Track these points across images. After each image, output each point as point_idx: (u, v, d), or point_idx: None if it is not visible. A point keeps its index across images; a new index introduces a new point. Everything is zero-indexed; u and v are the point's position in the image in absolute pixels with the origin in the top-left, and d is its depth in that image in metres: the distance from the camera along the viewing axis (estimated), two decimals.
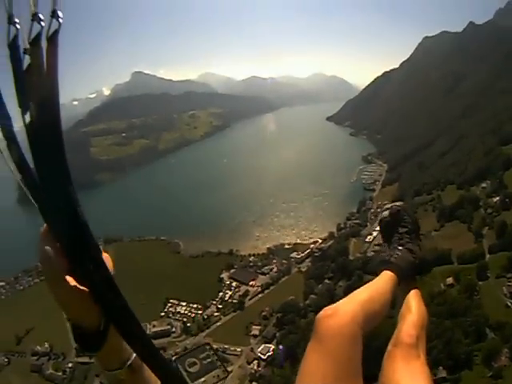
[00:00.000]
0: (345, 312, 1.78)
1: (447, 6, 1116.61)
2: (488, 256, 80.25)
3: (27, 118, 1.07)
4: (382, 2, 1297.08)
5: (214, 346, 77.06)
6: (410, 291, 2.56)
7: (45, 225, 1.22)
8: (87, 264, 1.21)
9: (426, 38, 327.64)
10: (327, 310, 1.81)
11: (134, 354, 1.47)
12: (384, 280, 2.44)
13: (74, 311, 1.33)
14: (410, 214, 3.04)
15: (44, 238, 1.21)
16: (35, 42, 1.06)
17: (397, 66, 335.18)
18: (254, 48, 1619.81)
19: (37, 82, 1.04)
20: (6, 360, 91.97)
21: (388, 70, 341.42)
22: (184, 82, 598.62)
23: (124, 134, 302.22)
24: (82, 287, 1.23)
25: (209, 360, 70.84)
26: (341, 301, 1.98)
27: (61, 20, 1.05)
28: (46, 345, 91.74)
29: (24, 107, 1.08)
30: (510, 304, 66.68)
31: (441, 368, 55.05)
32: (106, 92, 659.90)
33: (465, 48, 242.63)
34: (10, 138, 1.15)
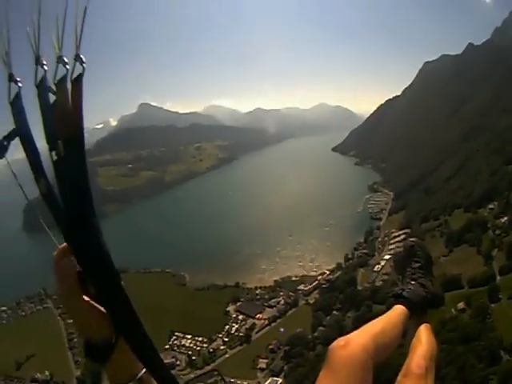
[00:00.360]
0: (357, 343, 1.80)
1: (446, 29, 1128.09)
2: (499, 278, 79.05)
3: (54, 155, 1.11)
4: (380, 31, 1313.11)
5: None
6: (420, 324, 2.56)
7: (61, 245, 1.26)
8: (108, 287, 1.30)
9: (427, 62, 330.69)
10: (340, 341, 1.82)
11: (144, 369, 1.51)
12: (396, 313, 2.48)
13: (88, 327, 1.40)
14: (424, 249, 3.02)
15: (60, 256, 1.27)
16: (61, 82, 1.11)
17: (399, 93, 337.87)
18: (258, 80, 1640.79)
19: (63, 120, 1.09)
20: None
21: (391, 97, 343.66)
22: (190, 115, 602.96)
23: (130, 166, 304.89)
24: (98, 306, 1.35)
25: None
26: (353, 332, 1.98)
27: (84, 64, 1.10)
28: (47, 372, 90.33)
29: (51, 144, 1.13)
30: None
31: None
32: (113, 123, 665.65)
33: (465, 70, 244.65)
34: (38, 171, 1.20)
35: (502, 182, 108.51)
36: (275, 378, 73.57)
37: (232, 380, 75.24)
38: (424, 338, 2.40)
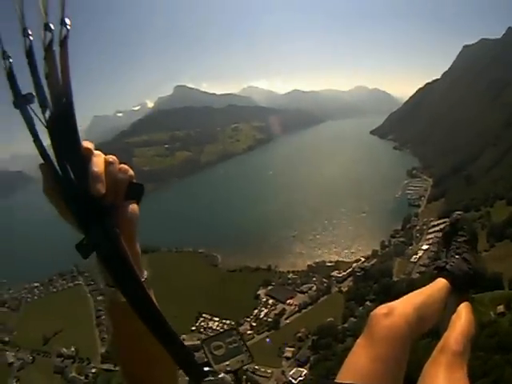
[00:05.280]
0: (399, 314, 1.81)
1: (485, 13, 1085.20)
2: None
3: (46, 115, 1.17)
4: (420, 12, 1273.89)
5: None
6: (461, 302, 2.56)
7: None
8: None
9: (466, 46, 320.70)
10: (383, 309, 1.85)
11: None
12: (438, 287, 2.48)
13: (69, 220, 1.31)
14: (470, 224, 3.05)
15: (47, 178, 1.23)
16: (49, 48, 1.15)
17: (439, 76, 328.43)
18: (295, 62, 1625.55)
19: (53, 81, 1.14)
20: (30, 358, 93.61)
21: (430, 81, 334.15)
22: (226, 96, 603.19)
23: (167, 146, 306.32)
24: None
25: (235, 345, 66.80)
26: (396, 301, 2.03)
27: (68, 27, 1.14)
28: (73, 348, 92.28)
29: (44, 106, 1.18)
30: None
31: None
32: (150, 105, 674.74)
33: (506, 54, 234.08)
34: (35, 134, 1.23)
35: None
36: (300, 369, 71.78)
37: (256, 367, 73.29)
38: (464, 316, 2.37)
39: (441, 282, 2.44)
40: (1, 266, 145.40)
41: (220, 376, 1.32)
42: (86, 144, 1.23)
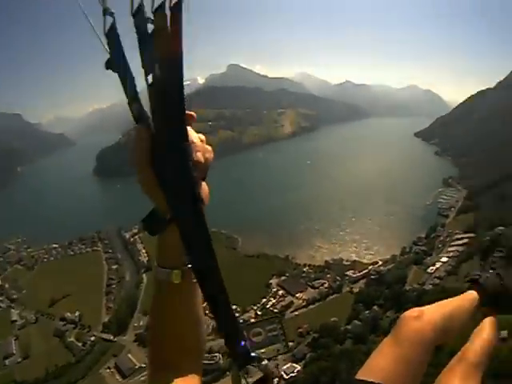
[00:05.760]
0: (428, 320, 1.84)
1: None
2: None
3: (150, 78, 1.17)
4: (483, 19, 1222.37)
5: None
6: (487, 316, 2.37)
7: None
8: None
9: None
10: (414, 312, 1.87)
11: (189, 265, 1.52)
12: (468, 300, 2.36)
13: (149, 193, 1.38)
14: (510, 241, 2.76)
15: (140, 132, 1.26)
16: (159, 10, 1.15)
17: (492, 85, 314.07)
18: (351, 53, 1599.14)
19: (163, 44, 1.14)
20: (34, 318, 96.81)
21: (483, 88, 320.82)
22: (279, 80, 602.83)
23: (210, 123, 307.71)
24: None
25: (274, 333, 68.62)
26: (427, 306, 2.02)
27: None
28: (77, 313, 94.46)
29: (149, 68, 1.18)
30: None
31: None
32: (201, 81, 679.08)
33: None
34: (132, 96, 1.22)
35: None
36: (294, 365, 72.08)
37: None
38: (487, 330, 2.26)
39: (471, 295, 2.42)
40: (24, 224, 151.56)
41: (263, 363, 1.43)
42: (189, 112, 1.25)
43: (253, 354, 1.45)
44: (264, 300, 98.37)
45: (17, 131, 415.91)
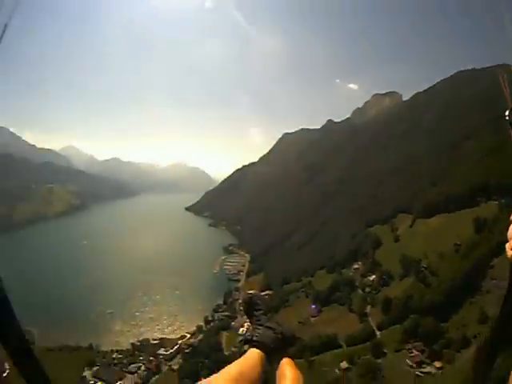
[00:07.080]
0: None
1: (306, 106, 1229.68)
2: (379, 333, 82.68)
3: None
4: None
5: None
6: (281, 360, 2.77)
7: None
8: None
9: (286, 134, 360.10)
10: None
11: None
12: (252, 356, 2.60)
13: None
14: (261, 298, 3.43)
15: None
16: None
17: (256, 160, 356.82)
18: (118, 129, 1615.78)
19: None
20: None
21: (247, 163, 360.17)
22: (46, 152, 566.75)
23: None
24: None
25: None
26: (212, 376, 2.12)
27: None
28: None
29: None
30: (420, 373, 68.14)
31: None
32: None
33: (323, 142, 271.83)
34: None
35: (365, 243, 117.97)
36: None
37: None
38: (288, 372, 2.55)
39: (253, 352, 2.57)
40: None
41: None
42: None
43: None
44: None
45: None
